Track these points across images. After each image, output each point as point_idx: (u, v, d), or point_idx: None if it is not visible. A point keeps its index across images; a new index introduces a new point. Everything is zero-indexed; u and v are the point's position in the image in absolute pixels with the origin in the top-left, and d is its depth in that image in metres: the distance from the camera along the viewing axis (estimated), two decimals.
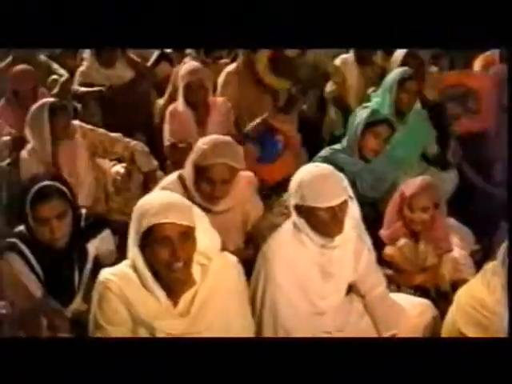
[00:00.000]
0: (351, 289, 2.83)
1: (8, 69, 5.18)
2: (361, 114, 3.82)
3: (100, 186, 3.98)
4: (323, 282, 2.68)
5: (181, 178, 3.13)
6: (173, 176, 3.19)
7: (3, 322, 2.15)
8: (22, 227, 2.85)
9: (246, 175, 3.25)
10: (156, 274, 2.26)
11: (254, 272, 2.70)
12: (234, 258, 2.45)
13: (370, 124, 3.73)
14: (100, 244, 2.95)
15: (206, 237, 2.32)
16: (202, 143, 3.06)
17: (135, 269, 2.29)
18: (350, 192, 2.73)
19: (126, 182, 4.00)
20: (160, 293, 2.27)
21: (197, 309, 2.30)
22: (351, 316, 2.79)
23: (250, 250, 3.18)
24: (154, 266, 2.24)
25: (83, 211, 2.97)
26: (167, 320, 2.29)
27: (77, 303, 2.90)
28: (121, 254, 3.02)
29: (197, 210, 2.33)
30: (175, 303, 2.30)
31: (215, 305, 2.32)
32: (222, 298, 2.34)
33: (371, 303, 2.80)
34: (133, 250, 2.27)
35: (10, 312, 2.20)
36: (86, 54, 5.31)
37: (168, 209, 2.19)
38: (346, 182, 2.70)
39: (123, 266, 2.35)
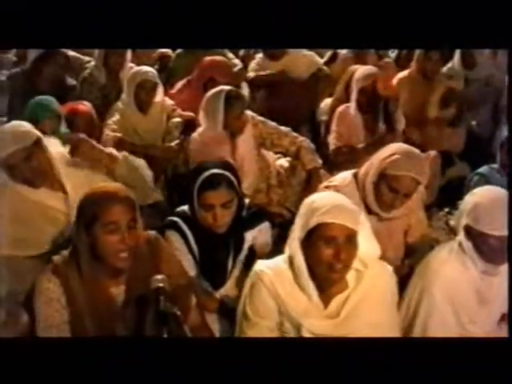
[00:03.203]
0: (504, 317, 2.71)
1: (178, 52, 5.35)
2: None
3: (263, 177, 4.01)
4: (478, 307, 2.61)
5: (356, 177, 3.08)
6: (347, 173, 3.14)
7: (159, 295, 2.21)
8: (185, 207, 2.94)
9: None
10: (312, 272, 2.29)
11: (410, 282, 2.68)
12: (390, 268, 2.45)
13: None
14: (258, 235, 2.99)
15: (366, 244, 2.34)
16: (394, 151, 2.94)
17: (291, 264, 2.34)
18: None
19: (289, 177, 4.02)
20: (313, 291, 2.31)
21: (347, 313, 2.33)
22: None
23: (406, 261, 3.14)
24: (312, 264, 2.28)
25: (246, 201, 3.03)
26: (315, 319, 2.32)
27: (227, 288, 2.97)
28: (275, 246, 3.08)
29: (362, 217, 2.35)
30: (326, 304, 2.34)
31: (365, 311, 2.34)
32: (373, 306, 2.35)
33: None
34: (294, 244, 2.32)
35: (167, 286, 2.26)
36: None
37: (339, 210, 2.24)
38: None
39: (280, 261, 2.40)
